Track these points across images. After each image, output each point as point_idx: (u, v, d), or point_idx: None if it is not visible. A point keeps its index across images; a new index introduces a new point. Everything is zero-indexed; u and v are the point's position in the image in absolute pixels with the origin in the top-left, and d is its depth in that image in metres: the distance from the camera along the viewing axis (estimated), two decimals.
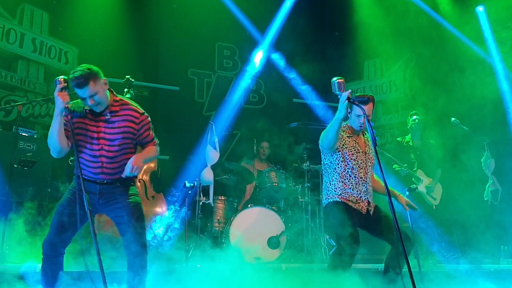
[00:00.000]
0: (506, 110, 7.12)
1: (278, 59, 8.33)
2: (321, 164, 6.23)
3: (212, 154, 5.85)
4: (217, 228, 6.00)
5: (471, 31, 7.38)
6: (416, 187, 6.18)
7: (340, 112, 3.48)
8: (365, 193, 3.80)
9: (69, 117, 2.98)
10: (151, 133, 3.27)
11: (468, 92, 6.78)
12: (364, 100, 3.72)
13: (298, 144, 6.51)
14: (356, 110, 3.70)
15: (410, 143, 6.46)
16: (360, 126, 3.80)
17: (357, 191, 3.77)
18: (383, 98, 8.57)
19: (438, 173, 6.38)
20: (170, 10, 7.84)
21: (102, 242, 4.54)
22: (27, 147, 5.60)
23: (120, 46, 7.03)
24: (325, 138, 3.66)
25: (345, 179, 3.78)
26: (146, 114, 3.24)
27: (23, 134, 5.67)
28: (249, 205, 5.92)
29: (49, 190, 5.69)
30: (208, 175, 5.80)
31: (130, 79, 5.24)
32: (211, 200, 5.91)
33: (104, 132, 3.09)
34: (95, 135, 3.08)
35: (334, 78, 3.39)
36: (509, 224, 6.38)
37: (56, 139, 2.98)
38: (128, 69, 5.93)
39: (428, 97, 7.43)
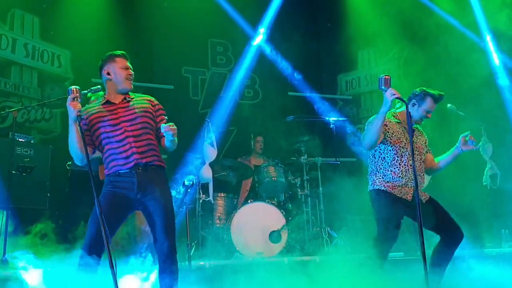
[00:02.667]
0: (502, 95, 7.14)
1: (271, 52, 8.32)
2: (318, 157, 6.22)
3: (210, 152, 5.85)
4: (218, 225, 6.01)
5: (463, 16, 7.38)
6: None
7: (385, 106, 3.47)
8: (413, 181, 3.64)
9: (81, 124, 2.99)
10: (166, 120, 3.38)
11: (464, 77, 6.78)
12: (439, 98, 3.81)
13: (295, 137, 6.51)
14: (428, 105, 3.76)
15: None
16: (421, 119, 3.82)
17: (406, 179, 3.67)
18: (378, 88, 8.56)
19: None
20: (160, 8, 7.81)
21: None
22: (24, 152, 5.59)
23: (112, 47, 6.90)
24: (368, 134, 3.60)
25: (394, 168, 3.68)
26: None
27: (20, 140, 5.65)
28: (249, 201, 5.93)
29: (48, 194, 5.69)
30: (207, 173, 5.81)
31: None
32: (211, 197, 5.92)
33: (123, 116, 3.19)
34: (115, 121, 3.17)
35: (381, 75, 3.50)
36: (509, 208, 6.40)
37: (76, 147, 3.05)
38: None
39: (424, 84, 7.40)
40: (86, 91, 3.25)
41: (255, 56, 8.19)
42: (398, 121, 3.79)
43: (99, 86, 3.28)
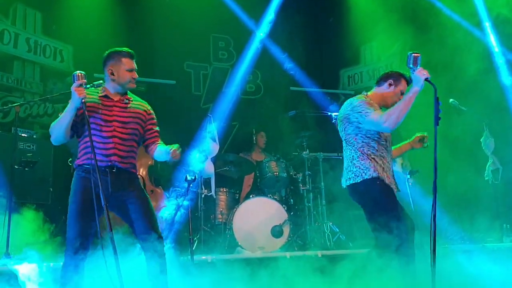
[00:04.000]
0: (505, 91, 7.13)
1: (273, 47, 8.31)
2: (320, 152, 6.14)
3: (212, 147, 5.85)
4: (220, 220, 6.03)
5: (465, 8, 7.35)
6: (417, 170, 6.18)
7: (417, 85, 3.20)
8: (391, 171, 3.59)
9: (82, 111, 3.01)
10: (156, 129, 3.41)
11: (467, 72, 6.76)
12: (410, 81, 3.52)
13: (297, 132, 6.51)
14: (403, 87, 3.60)
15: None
16: (394, 103, 3.51)
17: (390, 166, 3.55)
18: None
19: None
20: (162, 3, 7.80)
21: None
22: (26, 147, 5.61)
23: (114, 42, 6.95)
24: (400, 112, 3.26)
25: (383, 153, 3.49)
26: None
27: (22, 134, 5.67)
28: (251, 196, 5.95)
29: (51, 189, 5.71)
30: (208, 168, 5.82)
31: None
32: (213, 192, 5.93)
33: (118, 116, 3.20)
34: (108, 118, 3.17)
35: (410, 52, 3.29)
36: (510, 203, 6.40)
37: (64, 131, 3.08)
38: None
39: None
40: (88, 86, 3.25)
41: (257, 51, 8.17)
42: (380, 106, 3.59)
43: (101, 81, 3.26)
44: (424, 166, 6.33)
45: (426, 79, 3.17)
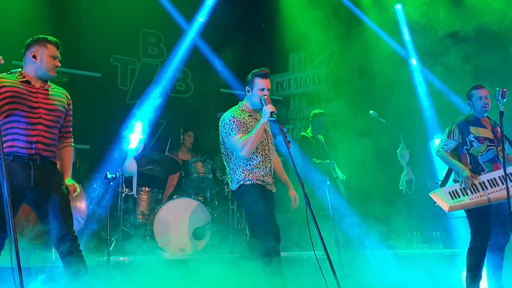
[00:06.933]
0: (420, 104, 7.59)
1: (205, 47, 8.26)
2: None
3: (136, 144, 5.71)
4: (140, 220, 5.87)
5: (389, 26, 7.77)
6: (337, 177, 6.43)
7: (265, 117, 3.63)
8: (270, 170, 3.83)
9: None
10: (71, 122, 3.38)
11: (387, 86, 7.14)
12: (266, 74, 3.89)
13: None
14: (259, 85, 3.81)
15: (315, 137, 6.60)
16: (262, 101, 3.71)
17: (264, 168, 3.76)
18: (307, 91, 8.79)
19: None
20: None
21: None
22: None
23: (36, 28, 6.57)
24: (252, 143, 3.63)
25: (251, 161, 3.72)
26: None
27: None
28: (174, 196, 5.86)
29: None
30: (131, 166, 5.67)
31: None
32: (134, 192, 5.78)
33: (43, 103, 3.15)
34: (34, 104, 3.11)
35: (262, 96, 3.71)
36: (421, 212, 6.82)
37: None
38: None
39: (348, 90, 7.74)
40: (4, 74, 3.13)
41: (188, 50, 8.07)
42: (249, 114, 3.87)
43: (19, 69, 3.15)
44: (347, 173, 6.61)
45: (273, 112, 3.58)
